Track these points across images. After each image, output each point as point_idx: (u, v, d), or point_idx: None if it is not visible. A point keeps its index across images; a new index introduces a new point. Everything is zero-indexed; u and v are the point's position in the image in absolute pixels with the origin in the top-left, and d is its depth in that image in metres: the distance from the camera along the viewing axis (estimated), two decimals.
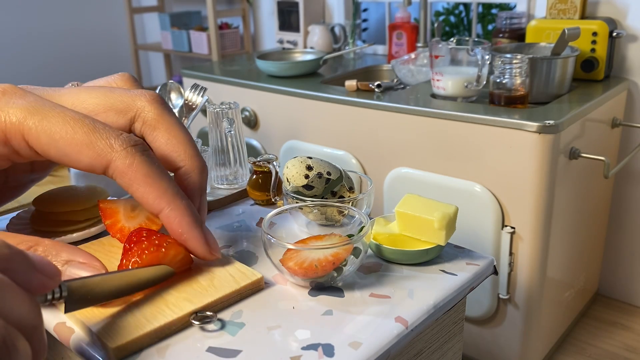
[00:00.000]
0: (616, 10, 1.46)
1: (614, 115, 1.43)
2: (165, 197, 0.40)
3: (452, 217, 0.48)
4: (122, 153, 0.38)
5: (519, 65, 1.22)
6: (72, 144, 0.38)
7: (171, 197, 0.40)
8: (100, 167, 0.39)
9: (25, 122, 0.38)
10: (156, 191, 0.39)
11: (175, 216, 0.40)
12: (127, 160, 0.38)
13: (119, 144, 0.39)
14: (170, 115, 0.43)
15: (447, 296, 0.43)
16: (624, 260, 1.66)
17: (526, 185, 1.16)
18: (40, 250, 0.37)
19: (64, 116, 0.39)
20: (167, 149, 0.43)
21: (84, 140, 0.38)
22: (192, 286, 0.42)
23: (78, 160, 0.39)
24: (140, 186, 0.39)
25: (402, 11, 1.77)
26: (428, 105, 1.28)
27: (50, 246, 0.38)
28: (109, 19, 2.98)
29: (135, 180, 0.39)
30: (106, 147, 0.38)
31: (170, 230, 0.41)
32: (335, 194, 0.54)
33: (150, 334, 0.37)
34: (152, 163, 0.40)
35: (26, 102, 0.39)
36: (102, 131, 0.39)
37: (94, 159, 0.38)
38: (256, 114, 1.62)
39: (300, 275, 0.42)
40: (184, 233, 0.41)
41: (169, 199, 0.40)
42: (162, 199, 0.39)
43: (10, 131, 0.38)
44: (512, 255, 1.24)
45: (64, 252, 0.38)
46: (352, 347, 0.37)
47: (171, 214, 0.40)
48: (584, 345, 1.52)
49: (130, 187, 0.39)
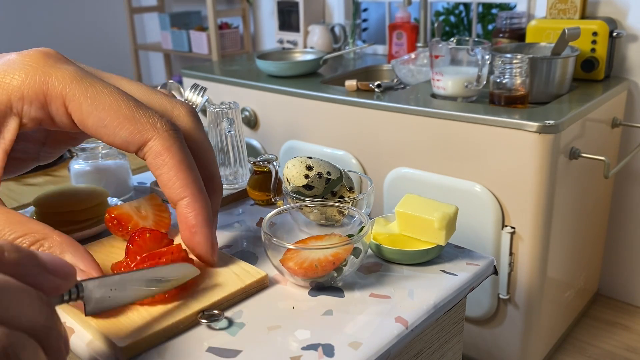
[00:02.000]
0: (616, 10, 1.46)
1: (614, 115, 1.43)
2: (191, 187, 0.40)
3: (452, 217, 0.48)
4: (163, 134, 0.39)
5: (519, 65, 1.22)
6: (115, 115, 0.38)
7: (197, 189, 0.40)
8: (137, 143, 0.39)
9: (70, 87, 0.37)
10: (185, 179, 0.39)
11: (194, 208, 0.40)
12: (167, 142, 0.39)
13: (162, 125, 0.39)
14: (202, 132, 0.43)
15: (447, 296, 0.43)
16: (624, 260, 1.66)
17: (526, 185, 1.16)
18: (46, 247, 0.37)
19: (109, 89, 0.38)
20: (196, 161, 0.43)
21: (127, 114, 0.38)
22: (198, 285, 0.42)
23: (115, 133, 0.38)
24: (171, 170, 0.39)
25: (402, 11, 1.77)
26: (428, 105, 1.28)
27: (56, 244, 0.37)
28: (109, 19, 2.98)
29: (168, 164, 0.39)
30: (148, 125, 0.38)
31: (184, 220, 0.40)
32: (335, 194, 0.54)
33: (158, 333, 0.37)
34: (187, 153, 0.40)
35: (73, 69, 0.38)
36: (146, 110, 0.39)
37: (133, 133, 0.38)
38: (256, 114, 1.62)
39: (300, 276, 0.42)
40: (196, 226, 0.40)
41: (195, 190, 0.40)
42: (187, 188, 0.40)
43: (51, 94, 0.37)
44: (512, 255, 1.24)
45: (68, 254, 0.37)
46: (352, 347, 0.37)
47: (191, 205, 0.40)
48: (584, 345, 1.52)
49: (160, 168, 0.39)
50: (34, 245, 0.36)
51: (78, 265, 0.37)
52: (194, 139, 0.43)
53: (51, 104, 0.38)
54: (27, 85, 0.37)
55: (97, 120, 0.38)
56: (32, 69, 0.38)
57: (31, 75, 0.37)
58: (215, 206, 0.44)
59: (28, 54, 0.39)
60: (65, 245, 0.37)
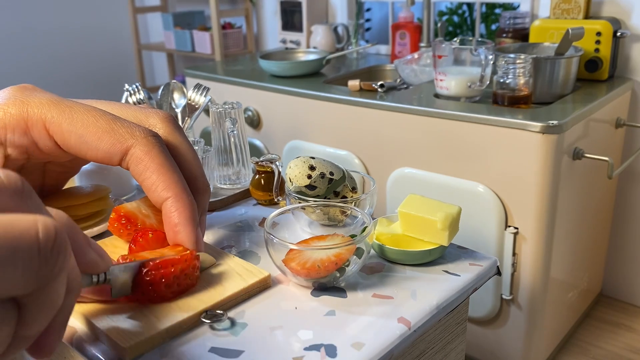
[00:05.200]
0: (620, 10, 1.46)
1: (617, 116, 1.42)
2: (173, 188, 0.41)
3: (455, 217, 0.48)
4: (142, 140, 0.40)
5: (522, 65, 1.21)
6: (94, 130, 0.39)
7: (180, 190, 0.41)
8: (119, 153, 0.40)
9: (49, 111, 0.40)
10: (167, 181, 0.40)
11: (177, 207, 0.41)
12: (146, 147, 0.40)
13: (139, 132, 0.40)
14: (180, 135, 0.44)
15: (450, 297, 0.43)
16: (627, 261, 1.66)
17: (530, 186, 1.16)
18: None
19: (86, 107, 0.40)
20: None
21: (105, 127, 0.40)
22: (201, 285, 0.42)
23: (97, 147, 0.40)
24: (153, 174, 0.40)
25: (405, 11, 1.77)
26: (431, 105, 1.28)
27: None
28: (112, 19, 2.98)
29: (150, 168, 0.40)
30: (127, 134, 0.40)
31: (167, 220, 0.41)
32: (338, 194, 0.54)
33: (162, 333, 0.37)
34: (167, 156, 0.41)
35: (48, 96, 0.41)
36: (124, 121, 0.41)
37: (114, 144, 0.40)
38: (259, 114, 1.62)
39: (303, 276, 0.42)
40: (179, 224, 0.41)
41: (178, 190, 0.41)
42: (170, 189, 0.41)
43: (31, 119, 0.39)
44: (515, 256, 1.23)
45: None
46: (355, 347, 0.37)
47: (174, 205, 0.41)
48: (587, 346, 1.51)
49: (143, 174, 0.40)
50: None
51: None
52: (173, 143, 0.44)
53: (33, 129, 0.40)
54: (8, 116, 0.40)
55: (77, 137, 0.40)
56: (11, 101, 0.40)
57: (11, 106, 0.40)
58: (202, 205, 0.45)
59: (5, 89, 0.42)
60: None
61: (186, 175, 0.44)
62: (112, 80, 2.97)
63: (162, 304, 0.40)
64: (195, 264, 0.42)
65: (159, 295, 0.39)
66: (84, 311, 0.39)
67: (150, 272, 0.39)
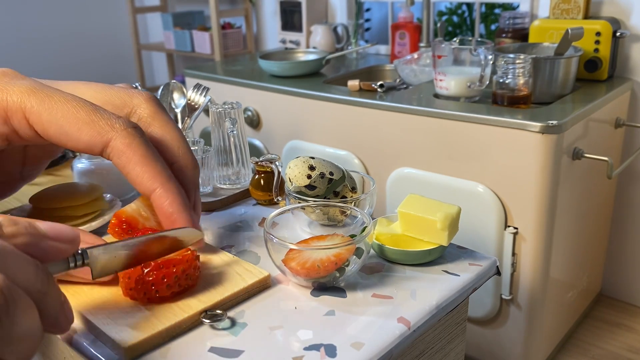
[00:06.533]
0: (620, 10, 1.46)
1: (617, 116, 1.42)
2: (159, 178, 0.40)
3: (455, 217, 0.48)
4: (122, 133, 0.40)
5: (522, 65, 1.21)
6: (74, 121, 0.39)
7: (165, 179, 0.41)
8: (100, 145, 0.40)
9: (28, 100, 0.39)
10: (151, 171, 0.40)
11: (167, 197, 0.41)
12: (127, 140, 0.40)
13: (120, 124, 0.40)
14: (164, 114, 0.44)
15: (449, 297, 0.43)
16: (627, 260, 1.66)
17: (529, 186, 1.16)
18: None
19: (65, 97, 0.40)
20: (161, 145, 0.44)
21: (85, 118, 0.39)
22: (201, 285, 0.42)
23: (78, 138, 0.39)
24: (136, 166, 0.40)
25: (404, 11, 1.77)
26: (431, 105, 1.28)
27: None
28: (112, 19, 2.98)
29: (132, 160, 0.40)
30: (107, 127, 0.40)
31: (160, 211, 0.41)
32: (338, 194, 0.54)
33: (162, 333, 0.37)
34: (149, 146, 0.41)
35: (28, 83, 0.40)
36: (104, 112, 0.40)
37: (94, 136, 0.39)
38: (259, 114, 1.62)
39: (303, 276, 0.42)
40: (174, 213, 0.41)
41: (163, 180, 0.41)
42: (156, 180, 0.40)
43: (11, 109, 0.39)
44: (514, 256, 1.23)
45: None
46: (355, 347, 0.37)
47: (163, 194, 0.41)
48: (587, 346, 1.51)
49: (126, 166, 0.40)
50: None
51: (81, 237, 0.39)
52: (157, 123, 0.44)
53: (12, 118, 0.39)
54: None
55: (57, 128, 0.39)
56: None
57: None
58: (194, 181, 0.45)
59: None
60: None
61: (174, 155, 0.44)
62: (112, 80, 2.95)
63: (162, 304, 0.40)
64: (196, 264, 0.42)
65: (160, 295, 0.39)
66: (83, 311, 0.39)
67: (152, 272, 0.39)
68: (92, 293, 0.42)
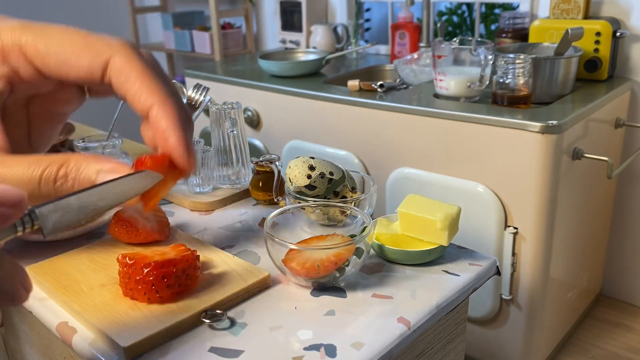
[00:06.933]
0: (620, 10, 1.46)
1: (617, 116, 1.42)
2: (157, 94, 0.39)
3: (455, 217, 0.48)
4: (121, 50, 0.39)
5: (522, 65, 1.21)
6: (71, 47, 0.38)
7: (164, 95, 0.39)
8: (100, 67, 0.39)
9: (22, 35, 0.39)
10: (150, 87, 0.39)
11: (164, 114, 0.39)
12: (126, 56, 0.39)
13: (116, 42, 0.39)
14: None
15: (449, 297, 0.43)
16: (627, 260, 1.66)
17: (529, 186, 1.16)
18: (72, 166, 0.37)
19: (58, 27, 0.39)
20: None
21: (81, 43, 0.39)
22: (201, 285, 0.42)
23: (78, 64, 0.39)
24: (135, 82, 0.39)
25: (404, 11, 1.77)
26: (431, 106, 1.28)
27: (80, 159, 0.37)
28: (112, 19, 2.98)
29: (132, 77, 0.39)
30: (105, 46, 0.39)
31: (155, 127, 0.40)
32: (338, 194, 0.54)
33: (162, 333, 0.37)
34: (150, 62, 0.40)
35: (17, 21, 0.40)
36: (98, 35, 0.39)
37: (93, 59, 0.38)
38: (259, 114, 1.62)
39: (303, 275, 0.42)
40: (166, 130, 0.39)
41: (162, 97, 0.39)
42: (154, 96, 0.39)
43: (7, 46, 0.39)
44: (514, 256, 1.23)
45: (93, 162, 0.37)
46: (355, 347, 0.37)
47: (160, 111, 0.39)
48: (586, 346, 1.51)
49: (125, 84, 0.39)
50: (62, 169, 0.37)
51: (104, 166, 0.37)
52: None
53: (10, 56, 0.39)
54: None
55: (56, 57, 0.39)
56: None
57: None
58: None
59: None
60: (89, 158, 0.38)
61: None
62: None
63: (162, 304, 0.40)
64: (196, 264, 0.42)
65: (160, 295, 0.40)
66: (83, 311, 0.39)
67: (152, 272, 0.39)
68: (92, 293, 0.42)
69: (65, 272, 0.44)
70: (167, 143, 0.39)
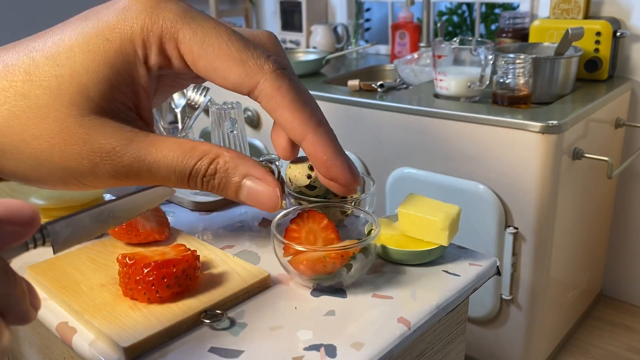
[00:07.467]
0: (620, 10, 1.46)
1: (617, 116, 1.42)
2: (310, 124, 0.38)
3: (455, 217, 0.48)
4: (271, 75, 0.38)
5: (522, 65, 1.21)
6: (225, 58, 0.37)
7: (316, 124, 0.39)
8: (248, 86, 0.38)
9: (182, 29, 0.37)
10: (302, 116, 0.38)
11: (320, 143, 0.39)
12: (276, 83, 0.38)
13: (269, 65, 0.38)
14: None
15: (449, 297, 0.43)
16: (627, 261, 1.66)
17: (529, 186, 1.16)
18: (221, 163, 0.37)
19: (218, 28, 0.38)
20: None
21: (236, 56, 0.37)
22: (201, 285, 0.42)
23: (226, 77, 0.38)
24: (285, 111, 0.38)
25: (404, 11, 1.77)
26: (431, 105, 1.28)
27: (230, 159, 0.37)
28: None
29: (282, 105, 0.38)
30: (256, 68, 0.37)
31: (314, 157, 0.39)
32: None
33: (161, 334, 0.37)
34: (299, 89, 0.39)
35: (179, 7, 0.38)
36: (254, 50, 0.38)
37: (242, 77, 0.37)
38: (259, 114, 1.62)
39: (309, 272, 0.42)
40: (328, 160, 0.39)
41: (314, 125, 0.39)
42: (307, 125, 0.38)
43: (165, 36, 0.37)
44: (515, 256, 1.23)
45: (242, 166, 0.37)
46: (355, 347, 0.37)
47: (315, 141, 0.39)
48: (587, 346, 1.51)
49: (275, 111, 0.38)
50: (212, 165, 0.37)
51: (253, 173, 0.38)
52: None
53: (166, 46, 0.38)
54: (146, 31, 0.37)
55: (207, 63, 0.37)
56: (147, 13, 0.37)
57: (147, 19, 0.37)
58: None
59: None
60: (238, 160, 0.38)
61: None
62: None
63: (162, 304, 0.40)
64: (196, 264, 0.42)
65: (160, 295, 0.39)
66: (83, 311, 0.39)
67: (152, 272, 0.39)
68: (92, 293, 0.42)
69: (65, 272, 0.44)
70: (331, 172, 0.39)
